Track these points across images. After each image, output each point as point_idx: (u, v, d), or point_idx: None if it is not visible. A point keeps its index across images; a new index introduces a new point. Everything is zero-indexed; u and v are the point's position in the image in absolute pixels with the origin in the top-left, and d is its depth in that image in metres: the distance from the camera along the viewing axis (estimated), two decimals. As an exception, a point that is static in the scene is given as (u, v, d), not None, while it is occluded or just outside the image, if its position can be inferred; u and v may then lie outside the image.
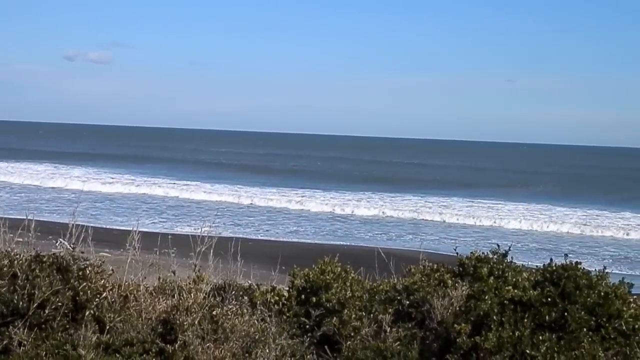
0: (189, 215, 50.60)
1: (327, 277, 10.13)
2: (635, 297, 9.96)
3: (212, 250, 10.72)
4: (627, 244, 47.20)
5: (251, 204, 61.67)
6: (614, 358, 8.75)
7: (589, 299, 9.03)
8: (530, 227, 53.15)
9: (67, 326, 9.02)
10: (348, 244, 40.76)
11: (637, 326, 9.13)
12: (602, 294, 9.16)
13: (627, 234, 50.68)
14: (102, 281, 9.50)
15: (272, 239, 42.88)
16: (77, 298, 9.25)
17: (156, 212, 53.53)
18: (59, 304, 9.10)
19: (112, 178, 78.56)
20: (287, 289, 10.43)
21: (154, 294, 9.86)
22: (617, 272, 30.62)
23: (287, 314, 9.82)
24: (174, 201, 61.11)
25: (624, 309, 9.22)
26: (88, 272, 9.45)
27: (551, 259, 9.60)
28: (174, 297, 9.53)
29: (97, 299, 9.25)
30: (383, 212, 58.53)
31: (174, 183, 75.39)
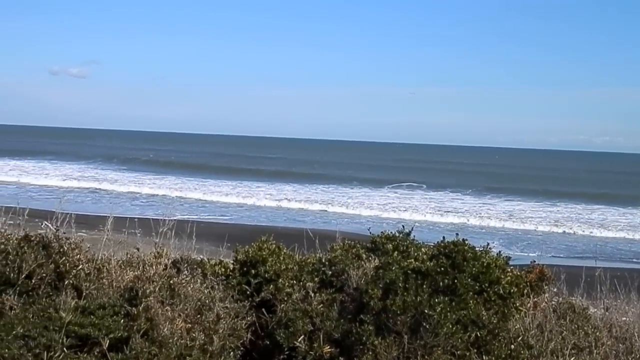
0: (155, 205, 50.10)
1: (264, 252, 10.17)
2: (512, 267, 10.16)
3: (172, 231, 10.71)
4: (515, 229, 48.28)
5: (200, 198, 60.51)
6: (494, 316, 8.90)
7: (474, 269, 9.17)
8: (430, 218, 53.32)
9: (51, 293, 8.98)
10: (283, 225, 40.72)
11: (512, 290, 9.31)
12: (485, 264, 9.31)
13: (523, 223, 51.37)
14: (79, 256, 9.48)
15: (222, 222, 42.71)
16: (58, 270, 9.23)
17: (129, 200, 53.26)
18: (44, 274, 9.08)
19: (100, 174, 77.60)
20: (232, 262, 10.46)
21: (122, 266, 9.83)
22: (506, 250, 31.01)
23: (232, 283, 9.84)
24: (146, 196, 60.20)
25: (502, 276, 9.41)
26: (66, 248, 9.43)
27: (444, 237, 9.72)
28: (139, 269, 9.51)
29: (74, 271, 9.25)
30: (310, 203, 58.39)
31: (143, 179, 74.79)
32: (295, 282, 9.79)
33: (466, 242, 9.51)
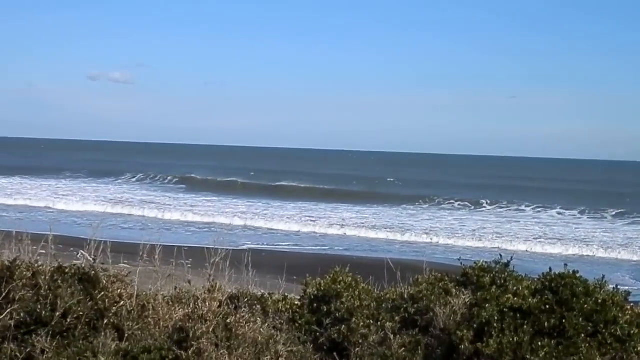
0: (209, 232, 50.28)
1: (339, 286, 10.20)
2: (632, 304, 10.01)
3: (228, 261, 10.80)
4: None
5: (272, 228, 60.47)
6: (611, 362, 8.80)
7: (586, 306, 9.07)
8: (535, 245, 52.67)
9: (88, 334, 9.14)
10: (359, 255, 40.51)
11: (632, 332, 9.16)
12: (600, 301, 9.19)
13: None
14: (120, 290, 9.62)
15: (285, 249, 42.64)
16: (97, 307, 9.38)
17: (181, 226, 53.59)
18: (81, 313, 9.23)
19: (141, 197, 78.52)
20: (299, 297, 10.50)
21: (170, 303, 9.95)
22: (628, 283, 30.36)
23: (299, 322, 9.90)
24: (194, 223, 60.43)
25: (620, 315, 9.27)
26: (106, 281, 9.58)
27: (550, 268, 9.63)
28: (190, 306, 9.61)
29: (115, 308, 9.39)
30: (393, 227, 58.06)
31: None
32: (371, 321, 9.79)
33: (577, 274, 9.41)
